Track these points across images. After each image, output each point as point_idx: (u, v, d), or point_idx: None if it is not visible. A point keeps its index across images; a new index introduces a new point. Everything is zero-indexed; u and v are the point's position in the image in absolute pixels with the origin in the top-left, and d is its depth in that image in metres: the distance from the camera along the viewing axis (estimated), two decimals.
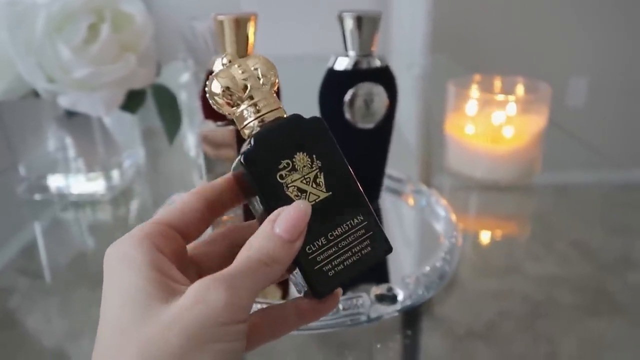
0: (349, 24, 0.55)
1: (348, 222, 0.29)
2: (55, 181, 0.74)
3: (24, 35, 0.61)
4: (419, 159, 0.93)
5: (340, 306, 0.45)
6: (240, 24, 0.52)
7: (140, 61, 0.67)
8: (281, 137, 0.28)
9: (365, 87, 0.56)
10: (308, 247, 0.28)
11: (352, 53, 0.57)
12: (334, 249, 0.28)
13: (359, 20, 0.54)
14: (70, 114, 0.69)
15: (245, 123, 0.29)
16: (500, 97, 0.75)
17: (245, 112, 0.29)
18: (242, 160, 0.28)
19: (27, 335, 0.50)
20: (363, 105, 0.57)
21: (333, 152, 0.29)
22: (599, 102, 2.33)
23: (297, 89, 0.73)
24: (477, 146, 0.75)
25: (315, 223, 0.28)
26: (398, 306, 0.47)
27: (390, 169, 0.68)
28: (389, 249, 0.30)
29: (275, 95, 0.29)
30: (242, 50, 0.53)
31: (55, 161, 0.74)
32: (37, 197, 0.74)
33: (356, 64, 0.56)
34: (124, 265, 0.25)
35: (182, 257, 0.28)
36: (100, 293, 0.25)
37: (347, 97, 0.56)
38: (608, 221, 0.68)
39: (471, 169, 0.76)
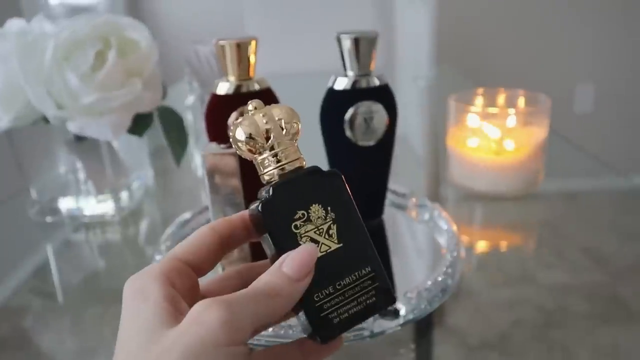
0: (347, 44, 0.56)
1: (356, 273, 0.30)
2: (66, 203, 0.75)
3: (34, 64, 0.63)
4: (425, 171, 0.94)
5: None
6: (241, 48, 0.54)
7: (146, 85, 0.68)
8: (299, 189, 0.30)
9: (364, 106, 0.57)
10: (316, 294, 0.29)
11: (351, 73, 0.58)
12: (340, 298, 0.29)
13: (357, 41, 0.56)
14: (80, 138, 0.71)
15: (265, 170, 0.30)
16: (500, 110, 0.76)
17: (266, 160, 0.30)
18: (259, 208, 0.29)
19: (41, 355, 0.51)
20: (363, 123, 0.58)
21: (347, 205, 0.30)
22: (606, 108, 2.32)
23: (298, 106, 0.74)
24: (479, 159, 0.76)
25: (324, 272, 0.29)
26: (401, 321, 0.47)
27: (396, 182, 0.69)
28: (392, 301, 0.31)
29: (296, 144, 0.31)
30: (244, 71, 0.55)
31: (65, 184, 0.75)
32: (49, 219, 0.76)
33: (355, 83, 0.57)
34: (140, 297, 0.26)
35: (194, 293, 0.29)
36: (111, 312, 0.27)
37: (347, 115, 0.58)
38: (619, 228, 0.68)
39: (474, 182, 0.76)
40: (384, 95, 0.58)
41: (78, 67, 0.63)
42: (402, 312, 0.48)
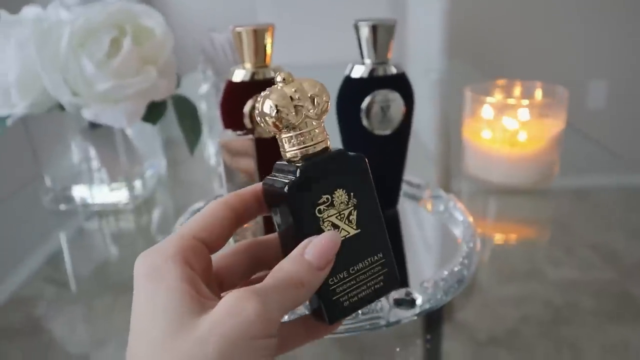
0: (365, 32, 0.56)
1: (369, 259, 0.30)
2: (79, 191, 0.76)
3: (50, 51, 0.63)
4: (438, 164, 0.93)
5: (359, 310, 0.45)
6: (258, 35, 0.53)
7: (161, 73, 0.68)
8: (325, 172, 0.29)
9: (381, 94, 0.57)
10: (331, 279, 0.29)
11: (368, 61, 0.57)
12: (352, 282, 0.29)
13: (375, 29, 0.55)
14: (94, 126, 0.71)
15: (289, 149, 0.29)
16: (516, 102, 0.75)
17: (292, 138, 0.28)
18: (285, 190, 0.28)
19: (53, 343, 0.51)
20: (380, 112, 0.57)
21: (369, 191, 0.30)
22: (619, 105, 2.30)
23: None
24: (495, 151, 0.75)
25: (340, 257, 0.28)
26: (417, 310, 0.47)
27: (409, 175, 0.68)
28: (397, 286, 0.31)
29: (323, 124, 0.29)
30: (260, 59, 0.54)
31: (79, 172, 0.75)
32: (62, 207, 0.76)
33: (372, 71, 0.57)
34: (156, 278, 0.25)
35: (209, 272, 0.28)
36: (123, 301, 0.26)
37: (364, 104, 0.57)
38: (630, 225, 0.67)
39: (489, 174, 0.76)
40: (401, 84, 0.58)
41: (93, 54, 0.63)
42: (419, 301, 0.47)
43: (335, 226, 0.29)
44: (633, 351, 0.45)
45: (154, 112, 0.70)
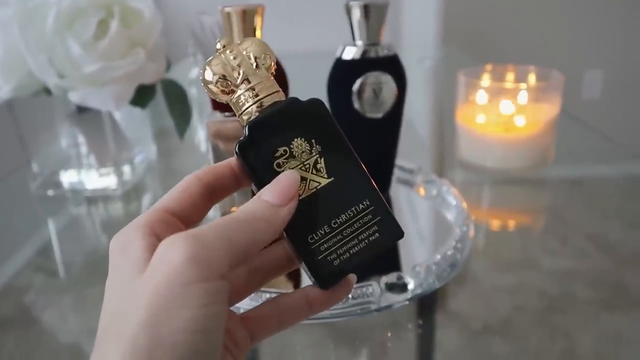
0: (356, 13, 0.55)
1: (353, 208, 0.27)
2: (67, 177, 0.74)
3: (35, 32, 0.61)
4: (432, 151, 0.92)
5: (350, 295, 0.45)
6: (247, 15, 0.52)
7: (150, 56, 0.67)
8: (277, 124, 0.27)
9: (373, 76, 0.56)
10: (310, 236, 0.27)
11: (359, 42, 0.56)
12: (338, 237, 0.27)
13: (366, 9, 0.54)
14: (82, 110, 0.70)
15: (242, 109, 0.28)
16: (511, 86, 0.75)
17: (241, 98, 0.28)
18: (236, 149, 0.27)
19: (43, 332, 0.50)
20: (372, 94, 0.56)
21: (334, 135, 0.28)
22: (614, 94, 2.29)
23: (305, 84, 0.73)
24: (489, 136, 0.74)
25: (316, 211, 0.27)
26: (408, 295, 0.46)
27: (402, 161, 0.68)
28: (399, 234, 0.28)
29: (272, 78, 0.28)
30: None
31: (67, 157, 0.74)
32: (50, 192, 0.75)
33: (364, 53, 0.56)
34: (123, 252, 0.25)
35: None
36: None
37: (356, 86, 0.56)
38: (625, 214, 0.66)
39: (483, 159, 0.75)
40: (394, 66, 0.57)
41: (80, 35, 0.62)
42: (410, 286, 0.47)
43: (301, 178, 0.27)
44: (627, 340, 0.45)
45: (143, 96, 0.69)
